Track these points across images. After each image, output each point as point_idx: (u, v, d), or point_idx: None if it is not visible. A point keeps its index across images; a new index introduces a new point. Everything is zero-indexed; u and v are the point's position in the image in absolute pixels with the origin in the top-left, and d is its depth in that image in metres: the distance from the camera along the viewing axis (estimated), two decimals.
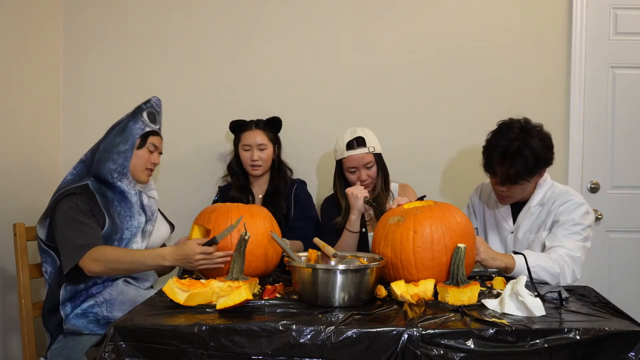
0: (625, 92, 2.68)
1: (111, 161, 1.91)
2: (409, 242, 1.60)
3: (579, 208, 1.94)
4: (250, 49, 2.70)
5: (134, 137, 1.95)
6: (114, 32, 2.69)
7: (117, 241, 1.86)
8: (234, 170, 2.45)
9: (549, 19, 2.68)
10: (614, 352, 1.27)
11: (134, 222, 1.91)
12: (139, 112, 2.00)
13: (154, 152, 2.02)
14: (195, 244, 1.65)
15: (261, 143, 2.36)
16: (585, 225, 1.93)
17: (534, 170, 1.89)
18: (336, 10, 2.69)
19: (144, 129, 1.97)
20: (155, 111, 2.04)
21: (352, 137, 2.19)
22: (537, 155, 1.86)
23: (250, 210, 1.81)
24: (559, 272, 1.80)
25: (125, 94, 2.69)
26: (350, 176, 2.23)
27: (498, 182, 1.95)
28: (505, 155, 1.86)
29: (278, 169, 2.44)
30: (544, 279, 1.79)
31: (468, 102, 2.67)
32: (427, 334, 1.26)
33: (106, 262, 1.73)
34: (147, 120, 1.99)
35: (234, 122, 2.44)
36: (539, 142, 1.87)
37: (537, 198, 2.02)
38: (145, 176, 2.01)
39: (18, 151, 2.31)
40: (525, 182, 1.93)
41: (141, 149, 1.97)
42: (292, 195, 2.38)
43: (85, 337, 1.76)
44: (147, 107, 2.02)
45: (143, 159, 1.97)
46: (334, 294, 1.45)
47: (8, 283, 2.17)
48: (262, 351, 1.27)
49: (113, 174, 1.91)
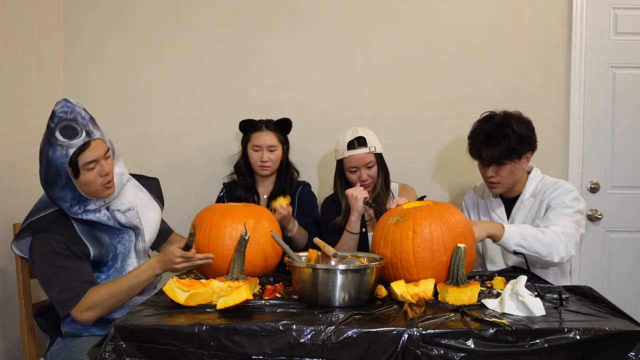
0: (625, 92, 2.68)
1: (60, 200, 1.67)
2: (409, 242, 1.60)
3: (569, 193, 2.00)
4: (251, 50, 2.70)
5: (62, 168, 1.61)
6: (114, 32, 2.69)
7: (111, 260, 1.77)
8: (241, 170, 2.42)
9: (549, 19, 2.68)
10: (614, 352, 1.27)
11: (124, 235, 1.80)
12: (52, 134, 1.61)
13: (94, 167, 1.66)
14: (176, 248, 1.68)
15: (271, 145, 2.33)
16: (576, 208, 1.96)
17: (517, 150, 1.98)
18: (338, 12, 2.69)
19: (67, 154, 1.60)
20: (67, 121, 1.62)
21: (353, 137, 2.19)
22: (519, 134, 1.97)
23: (255, 211, 1.83)
24: (550, 241, 1.83)
25: (126, 94, 2.69)
26: (350, 176, 2.23)
27: (485, 165, 2.03)
28: (489, 137, 1.98)
29: (285, 170, 2.42)
30: (535, 249, 1.82)
31: (468, 102, 2.66)
32: (427, 334, 1.26)
33: (101, 305, 1.64)
34: (64, 141, 1.60)
35: (244, 121, 2.40)
36: (520, 124, 2.00)
37: (529, 190, 2.08)
38: (107, 191, 1.73)
39: (18, 151, 2.31)
40: (511, 164, 2.00)
41: (79, 176, 1.64)
42: (296, 197, 2.37)
43: (85, 339, 1.75)
44: (56, 123, 1.62)
45: (89, 180, 1.66)
46: (334, 294, 1.45)
47: (8, 283, 2.17)
48: (262, 351, 1.27)
49: (71, 209, 1.68)
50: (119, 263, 1.79)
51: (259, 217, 1.80)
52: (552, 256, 1.84)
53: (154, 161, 2.67)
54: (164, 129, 2.70)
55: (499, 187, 2.07)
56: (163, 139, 2.70)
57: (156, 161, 2.67)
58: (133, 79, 2.69)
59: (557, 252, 1.84)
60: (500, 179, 2.04)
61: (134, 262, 1.83)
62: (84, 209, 1.70)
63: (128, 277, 1.69)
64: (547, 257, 1.84)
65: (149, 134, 2.69)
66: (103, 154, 1.69)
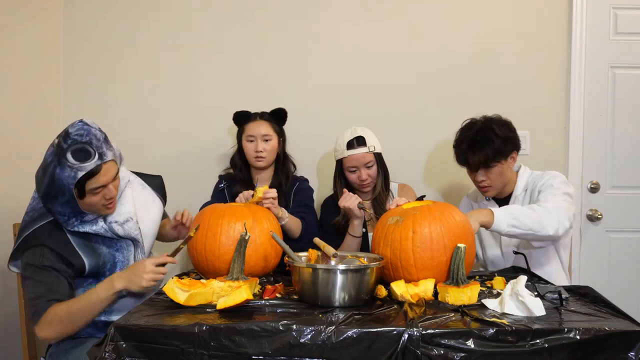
0: (625, 92, 2.68)
1: (58, 213, 1.64)
2: (408, 242, 1.60)
3: (557, 177, 2.04)
4: (250, 50, 2.70)
5: (67, 187, 1.56)
6: (114, 32, 2.69)
7: (109, 270, 1.73)
8: (236, 163, 2.37)
9: (549, 19, 2.68)
10: (614, 352, 1.27)
11: (122, 244, 1.77)
12: (62, 154, 1.55)
13: (100, 192, 1.64)
14: (147, 262, 1.59)
15: (266, 134, 2.28)
16: (564, 190, 1.98)
17: (502, 151, 2.02)
18: (337, 11, 2.69)
19: (75, 177, 1.55)
20: (82, 144, 1.56)
21: (352, 137, 2.19)
22: (501, 137, 2.01)
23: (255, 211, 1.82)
24: (540, 215, 1.82)
25: (126, 93, 2.69)
26: (350, 175, 2.23)
27: (473, 170, 2.07)
28: (474, 143, 2.03)
29: (282, 163, 2.37)
30: (528, 226, 1.80)
31: (468, 102, 2.66)
32: (428, 334, 1.26)
33: (59, 322, 1.57)
34: (75, 163, 1.55)
35: (237, 113, 2.36)
36: (501, 126, 2.05)
37: (520, 186, 2.12)
38: (108, 210, 1.72)
39: (18, 151, 2.31)
40: (498, 165, 2.03)
41: (83, 197, 1.62)
42: (292, 192, 2.33)
43: (84, 339, 1.75)
44: (69, 144, 1.56)
45: (92, 202, 1.64)
46: (334, 294, 1.45)
47: (8, 283, 2.17)
48: (262, 351, 1.27)
49: (68, 222, 1.65)
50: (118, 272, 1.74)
51: (256, 216, 1.80)
52: (546, 230, 1.82)
53: (152, 159, 2.66)
54: (164, 128, 2.70)
55: (490, 190, 2.09)
56: (163, 138, 2.70)
57: (155, 159, 2.67)
58: (132, 78, 2.69)
59: (550, 224, 1.82)
60: (490, 182, 2.06)
61: None
62: (80, 220, 1.68)
63: (87, 294, 1.61)
64: (542, 232, 1.82)
65: (148, 134, 2.70)
66: (112, 178, 1.65)
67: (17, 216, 2.11)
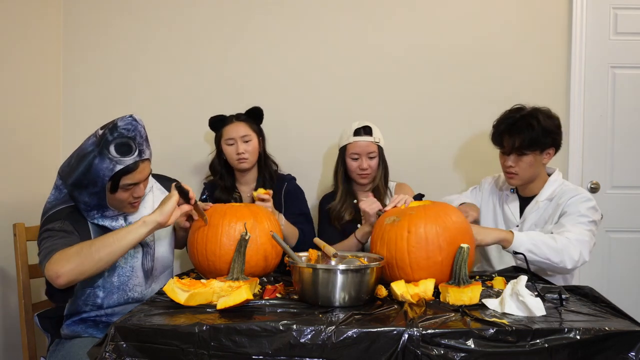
0: (625, 92, 2.68)
1: (83, 203, 1.66)
2: (403, 242, 1.60)
3: (587, 202, 1.96)
4: (249, 50, 2.70)
5: (102, 179, 1.59)
6: (113, 32, 2.70)
7: (108, 271, 1.70)
8: (216, 169, 2.32)
9: (549, 20, 2.68)
10: (614, 352, 1.27)
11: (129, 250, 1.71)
12: (105, 145, 1.58)
13: (131, 189, 1.68)
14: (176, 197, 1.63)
15: (245, 134, 2.24)
16: (591, 218, 1.93)
17: (539, 141, 1.95)
18: (336, 10, 2.69)
19: (113, 169, 1.58)
20: (126, 139, 1.60)
21: (360, 126, 2.24)
22: (543, 127, 1.95)
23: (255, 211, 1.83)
24: (561, 247, 1.79)
25: (126, 93, 2.69)
26: (351, 163, 2.24)
27: (505, 153, 2.01)
28: (513, 126, 1.97)
29: (265, 162, 2.33)
30: (547, 255, 1.79)
31: (468, 102, 2.67)
32: (428, 334, 1.26)
33: (76, 254, 1.50)
34: (115, 156, 1.58)
35: (213, 118, 2.32)
36: (547, 118, 1.98)
37: (546, 193, 2.04)
38: (132, 209, 1.75)
39: (18, 151, 2.31)
40: (531, 155, 1.96)
41: (115, 192, 1.65)
42: (282, 193, 2.29)
43: (84, 339, 1.75)
44: (115, 137, 1.59)
45: (121, 198, 1.68)
46: (334, 294, 1.45)
47: (8, 283, 2.17)
48: (262, 351, 1.27)
49: (89, 213, 1.68)
50: (116, 277, 1.74)
51: (257, 216, 1.80)
52: (565, 262, 1.80)
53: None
54: (163, 128, 2.70)
55: (516, 178, 2.03)
56: (161, 136, 2.70)
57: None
58: (132, 78, 2.70)
59: (569, 258, 1.80)
60: (518, 170, 2.00)
61: (140, 282, 1.79)
62: (102, 214, 1.70)
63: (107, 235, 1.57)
64: (560, 264, 1.80)
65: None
66: (145, 177, 1.70)
67: (17, 216, 2.12)
